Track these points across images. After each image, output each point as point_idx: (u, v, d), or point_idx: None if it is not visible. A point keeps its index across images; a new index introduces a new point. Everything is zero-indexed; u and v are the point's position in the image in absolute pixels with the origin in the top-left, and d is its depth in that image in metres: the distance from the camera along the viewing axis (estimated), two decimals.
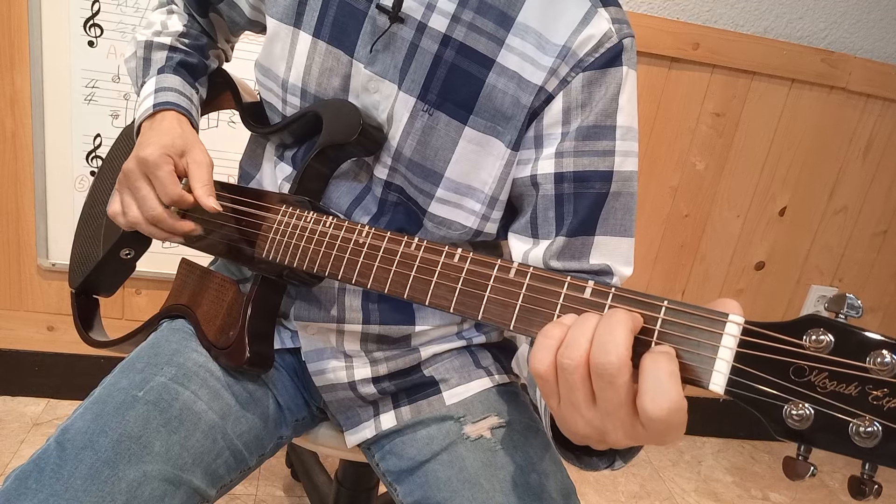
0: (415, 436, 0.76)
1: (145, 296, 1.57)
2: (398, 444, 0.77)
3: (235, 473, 0.72)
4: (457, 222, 0.73)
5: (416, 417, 0.77)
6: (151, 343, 0.76)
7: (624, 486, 1.70)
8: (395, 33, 0.68)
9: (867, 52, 1.65)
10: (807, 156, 1.71)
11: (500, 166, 0.70)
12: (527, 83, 0.67)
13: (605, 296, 0.44)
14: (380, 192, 0.74)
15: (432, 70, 0.67)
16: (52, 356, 1.60)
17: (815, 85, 1.64)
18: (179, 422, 0.66)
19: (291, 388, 0.81)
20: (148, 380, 0.68)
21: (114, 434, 0.62)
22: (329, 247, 0.61)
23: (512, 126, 0.68)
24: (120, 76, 1.39)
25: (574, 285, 0.46)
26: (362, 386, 0.78)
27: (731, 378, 0.40)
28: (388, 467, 0.77)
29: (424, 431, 0.75)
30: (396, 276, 0.55)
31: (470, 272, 0.51)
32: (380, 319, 0.76)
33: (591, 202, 0.69)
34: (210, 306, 0.76)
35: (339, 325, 0.76)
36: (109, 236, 0.86)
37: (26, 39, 1.35)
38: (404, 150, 0.70)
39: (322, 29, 0.70)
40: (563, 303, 0.46)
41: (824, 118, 1.69)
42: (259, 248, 0.68)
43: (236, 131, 1.44)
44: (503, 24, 0.67)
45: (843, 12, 1.62)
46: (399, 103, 0.69)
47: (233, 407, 0.72)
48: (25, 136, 1.41)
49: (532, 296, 0.47)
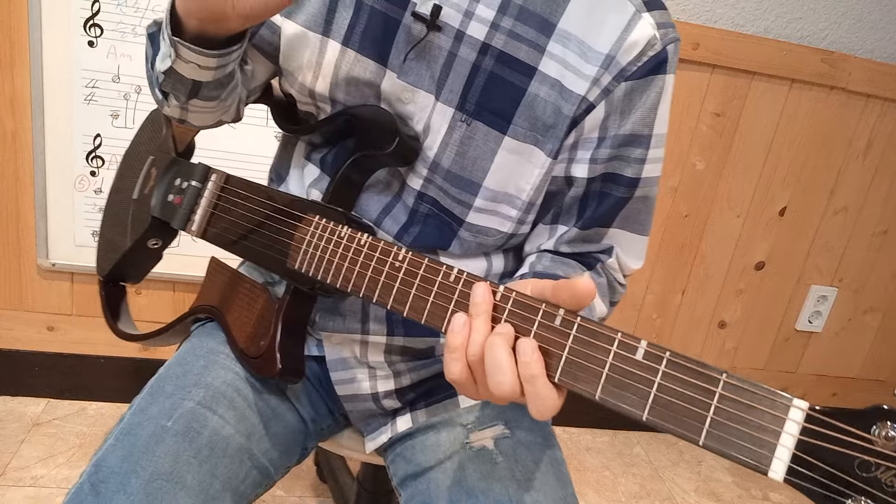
0: (425, 440, 0.76)
1: (145, 296, 1.57)
2: (409, 448, 0.77)
3: (261, 489, 0.73)
4: (493, 229, 0.72)
5: (430, 420, 0.77)
6: (181, 358, 0.75)
7: (624, 486, 1.70)
8: (431, 42, 0.66)
9: (867, 52, 1.65)
10: (807, 156, 1.71)
11: (539, 174, 0.69)
12: (569, 93, 0.65)
13: (658, 360, 0.42)
14: (411, 203, 0.72)
15: (470, 79, 0.66)
16: (52, 356, 1.60)
17: (815, 85, 1.64)
18: (210, 450, 0.66)
19: (315, 398, 0.81)
20: (177, 406, 0.68)
21: (145, 474, 0.61)
22: (364, 267, 0.59)
23: (553, 135, 0.67)
24: (120, 76, 1.39)
25: (626, 345, 0.43)
26: (385, 398, 0.78)
27: (791, 466, 0.38)
28: (397, 471, 0.77)
29: (434, 437, 0.75)
30: (434, 308, 0.53)
31: (512, 314, 0.48)
32: (404, 332, 0.75)
33: (613, 203, 0.71)
34: (240, 312, 0.75)
35: (363, 337, 0.75)
36: (137, 225, 0.84)
37: (26, 39, 1.35)
38: (442, 161, 0.69)
39: (352, 37, 0.68)
40: (613, 362, 0.44)
41: (824, 118, 1.68)
42: (291, 258, 0.66)
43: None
44: (544, 31, 0.65)
45: (843, 12, 1.62)
46: (436, 114, 0.67)
47: (258, 426, 0.72)
48: (25, 136, 1.41)
49: (580, 349, 0.45)
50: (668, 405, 0.41)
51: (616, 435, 1.90)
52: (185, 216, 0.78)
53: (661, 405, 0.41)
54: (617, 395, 0.43)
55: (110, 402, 1.65)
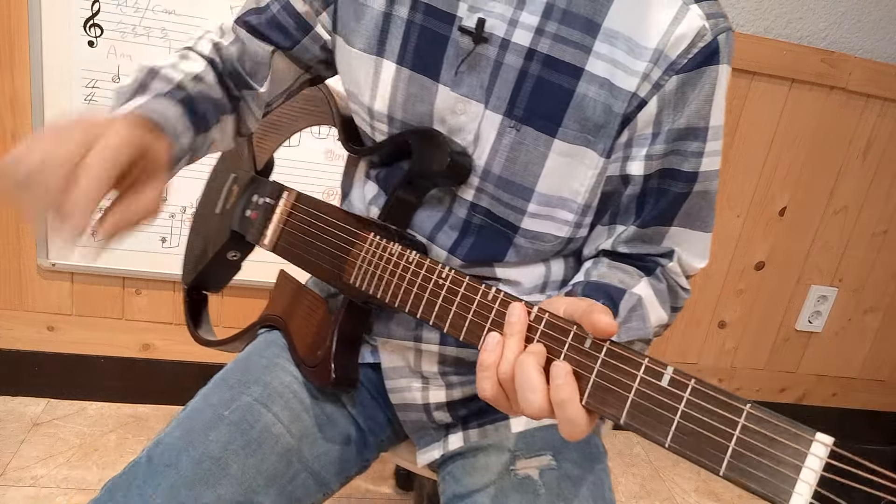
0: (475, 462, 0.75)
1: (145, 296, 1.57)
2: (458, 468, 0.76)
3: (317, 496, 0.74)
4: (550, 234, 0.71)
5: (482, 441, 0.76)
6: (246, 355, 0.80)
7: (624, 486, 1.70)
8: (479, 53, 0.66)
9: (867, 52, 1.65)
10: (807, 156, 1.71)
11: (592, 175, 0.68)
12: (619, 90, 0.65)
13: (683, 387, 0.42)
14: (464, 214, 0.72)
15: (518, 85, 0.66)
16: (52, 356, 1.60)
17: (815, 85, 1.64)
18: (258, 444, 0.69)
19: (372, 408, 0.81)
20: (236, 398, 0.72)
21: (196, 453, 0.66)
22: (410, 283, 0.61)
23: (605, 134, 0.66)
24: (120, 76, 1.39)
25: (652, 370, 0.44)
26: (437, 410, 0.78)
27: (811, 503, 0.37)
28: (446, 489, 0.77)
29: (483, 459, 0.75)
30: (472, 326, 0.54)
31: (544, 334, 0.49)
32: (455, 341, 0.75)
33: (672, 199, 0.69)
34: (301, 322, 0.80)
35: (417, 344, 0.76)
36: (219, 238, 0.91)
37: (26, 39, 1.35)
38: (493, 168, 0.68)
39: (405, 56, 0.69)
40: (639, 387, 0.44)
41: (824, 118, 1.68)
42: (347, 273, 0.69)
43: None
44: (590, 32, 0.64)
45: (843, 12, 1.62)
46: (486, 122, 0.68)
47: (311, 429, 0.74)
48: (25, 136, 1.41)
49: (607, 373, 0.46)
50: (690, 433, 0.41)
51: (616, 435, 1.91)
52: (259, 230, 0.83)
53: (684, 433, 0.42)
54: (641, 420, 0.43)
55: (110, 402, 1.65)
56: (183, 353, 1.65)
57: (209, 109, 0.69)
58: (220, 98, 0.72)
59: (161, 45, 1.38)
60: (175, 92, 0.65)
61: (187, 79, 0.67)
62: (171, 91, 0.64)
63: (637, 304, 0.67)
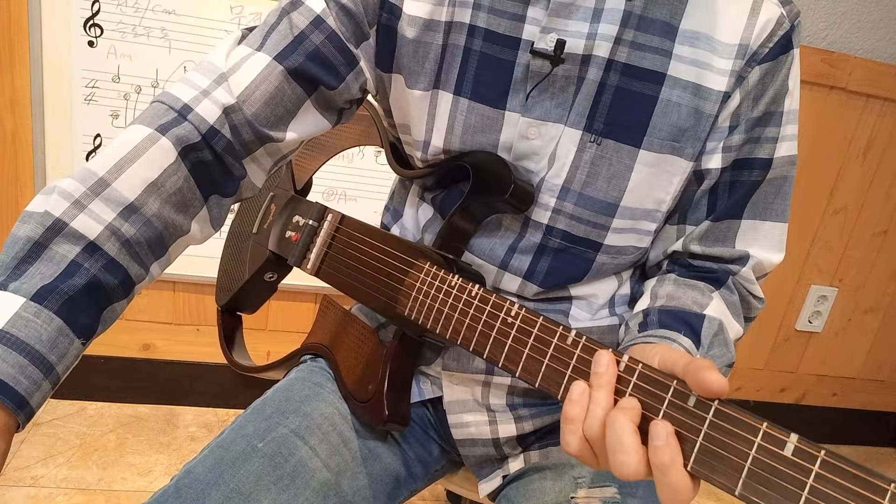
0: (529, 483, 0.72)
1: (145, 296, 1.57)
2: (514, 490, 0.73)
3: None
4: (630, 246, 0.69)
5: (543, 461, 0.73)
6: (288, 384, 0.75)
7: None
8: (555, 74, 0.64)
9: (867, 52, 1.65)
10: (806, 156, 1.71)
11: (678, 181, 0.66)
12: (708, 91, 0.63)
13: (812, 459, 0.37)
14: (539, 238, 0.69)
15: (597, 98, 0.63)
16: None
17: (815, 85, 1.64)
18: (291, 479, 0.65)
19: (424, 439, 0.78)
20: (272, 429, 0.68)
21: (226, 488, 0.62)
22: (474, 320, 0.56)
23: (692, 137, 0.64)
24: (120, 76, 1.39)
25: (773, 437, 0.38)
26: (506, 444, 0.75)
27: None
28: None
29: (540, 482, 0.71)
30: (549, 372, 0.49)
31: (637, 388, 0.44)
32: None
33: (745, 189, 0.67)
34: (349, 353, 0.76)
35: (487, 377, 0.72)
36: (255, 259, 0.88)
37: (26, 39, 1.35)
38: (573, 186, 0.66)
39: (463, 86, 0.66)
40: (756, 454, 0.39)
41: (824, 118, 1.68)
42: (401, 304, 0.65)
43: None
44: (668, 35, 0.62)
45: (843, 12, 1.62)
46: (564, 139, 0.65)
47: (350, 463, 0.70)
48: (25, 136, 1.41)
49: (717, 437, 0.40)
50: None
51: None
52: (302, 253, 0.79)
53: None
54: (761, 493, 0.39)
55: (110, 402, 1.65)
56: (183, 353, 1.65)
57: (138, 259, 0.58)
58: (176, 215, 0.61)
59: (161, 45, 1.38)
60: (62, 287, 0.51)
61: (109, 227, 0.55)
62: (68, 273, 0.52)
63: (719, 329, 0.64)
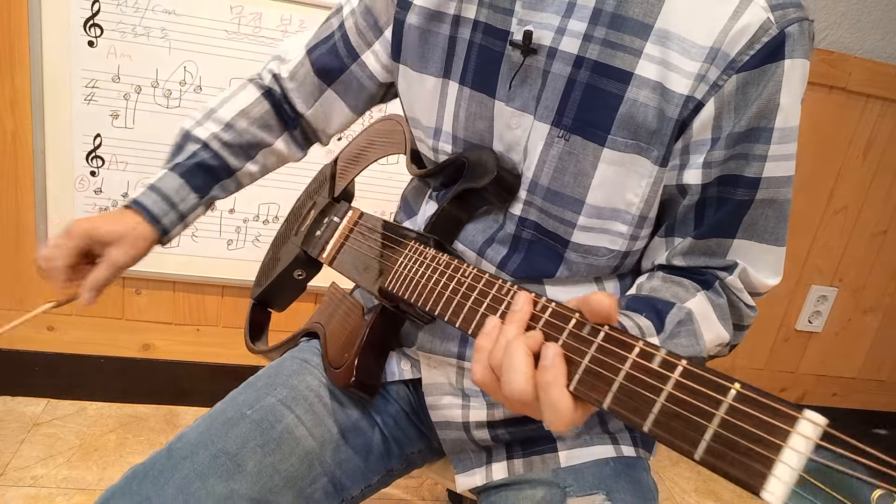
0: (518, 493, 0.72)
1: (145, 296, 1.57)
2: (502, 498, 0.73)
3: (335, 501, 0.74)
4: (603, 248, 0.69)
5: (528, 474, 0.73)
6: (279, 361, 0.81)
7: None
8: (529, 65, 0.65)
9: (867, 52, 1.65)
10: (806, 156, 1.71)
11: (647, 185, 0.65)
12: (671, 93, 0.61)
13: (672, 367, 0.39)
14: (513, 229, 0.71)
15: (566, 94, 0.64)
16: (52, 356, 1.60)
17: (815, 85, 1.64)
18: (277, 444, 0.69)
19: (404, 421, 0.81)
20: (260, 398, 0.73)
21: (213, 448, 0.67)
22: (436, 283, 0.61)
23: (658, 141, 0.62)
24: (120, 76, 1.39)
25: (645, 352, 0.41)
26: (476, 429, 0.75)
27: (794, 490, 0.33)
28: None
29: (529, 492, 0.72)
30: (482, 319, 0.52)
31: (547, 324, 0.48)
32: None
33: (733, 208, 0.65)
34: (337, 326, 0.82)
35: (460, 362, 0.74)
36: (287, 257, 0.94)
37: (26, 40, 1.35)
38: (540, 180, 0.67)
39: (466, 75, 0.70)
40: (629, 370, 0.41)
41: (824, 118, 1.68)
42: (383, 279, 0.71)
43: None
44: (639, 34, 0.61)
45: (843, 12, 1.62)
46: (534, 133, 0.66)
47: (334, 435, 0.74)
48: (25, 136, 1.41)
49: (600, 357, 0.43)
50: (672, 416, 0.38)
51: None
52: (322, 245, 0.87)
53: (666, 415, 0.39)
54: (625, 404, 0.41)
55: (110, 402, 1.65)
56: (183, 353, 1.65)
57: (234, 159, 0.83)
58: (256, 140, 0.84)
59: (161, 45, 1.38)
60: (196, 154, 0.80)
61: (215, 135, 0.81)
62: (191, 157, 0.80)
63: (686, 318, 0.63)
